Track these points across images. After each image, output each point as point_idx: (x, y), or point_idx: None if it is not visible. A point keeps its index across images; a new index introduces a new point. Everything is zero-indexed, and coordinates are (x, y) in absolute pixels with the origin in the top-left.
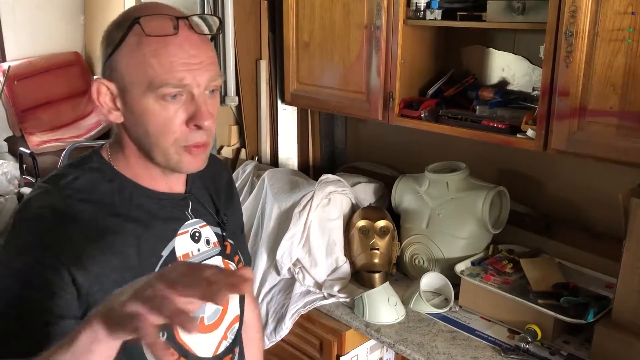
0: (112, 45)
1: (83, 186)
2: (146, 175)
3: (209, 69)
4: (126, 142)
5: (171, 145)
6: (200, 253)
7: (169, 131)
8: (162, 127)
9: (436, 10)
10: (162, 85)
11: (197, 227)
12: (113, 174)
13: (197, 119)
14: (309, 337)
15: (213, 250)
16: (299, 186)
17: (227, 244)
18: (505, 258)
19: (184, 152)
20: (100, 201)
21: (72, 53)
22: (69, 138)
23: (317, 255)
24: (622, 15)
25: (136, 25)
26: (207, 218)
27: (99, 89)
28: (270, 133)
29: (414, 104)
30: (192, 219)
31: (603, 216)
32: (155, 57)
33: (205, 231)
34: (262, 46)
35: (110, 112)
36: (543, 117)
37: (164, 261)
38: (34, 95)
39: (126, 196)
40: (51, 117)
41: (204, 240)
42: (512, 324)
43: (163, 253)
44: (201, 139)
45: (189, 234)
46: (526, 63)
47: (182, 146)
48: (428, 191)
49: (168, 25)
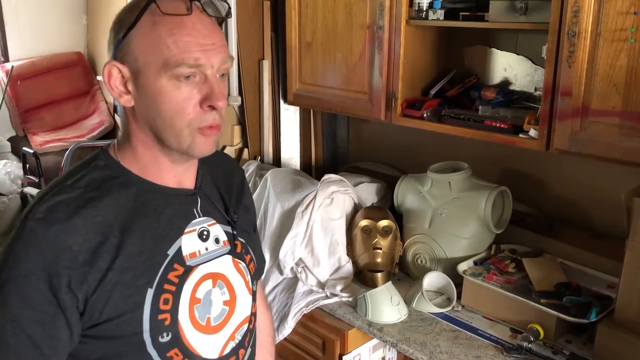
0: (125, 27)
1: (91, 183)
2: (154, 167)
3: (221, 51)
4: (134, 131)
5: (185, 126)
6: (208, 252)
7: (184, 112)
8: (176, 108)
9: (439, 10)
10: (178, 65)
11: (205, 226)
12: (119, 171)
13: (212, 100)
14: (312, 336)
15: (222, 249)
16: (301, 186)
17: (238, 243)
18: (508, 258)
19: (197, 134)
20: (105, 199)
21: (74, 53)
22: (72, 138)
23: (319, 255)
24: (624, 15)
25: (152, 5)
26: (217, 216)
27: (110, 72)
28: (272, 133)
29: (417, 104)
30: (201, 217)
31: (605, 216)
32: (170, 37)
33: (215, 229)
34: (265, 46)
35: (121, 96)
36: (545, 117)
37: (170, 261)
38: (36, 96)
39: (132, 192)
40: (54, 117)
41: (213, 238)
42: (514, 324)
43: (169, 252)
44: (214, 120)
45: (196, 232)
46: (528, 63)
47: (195, 128)
48: (430, 191)
49: (181, 5)
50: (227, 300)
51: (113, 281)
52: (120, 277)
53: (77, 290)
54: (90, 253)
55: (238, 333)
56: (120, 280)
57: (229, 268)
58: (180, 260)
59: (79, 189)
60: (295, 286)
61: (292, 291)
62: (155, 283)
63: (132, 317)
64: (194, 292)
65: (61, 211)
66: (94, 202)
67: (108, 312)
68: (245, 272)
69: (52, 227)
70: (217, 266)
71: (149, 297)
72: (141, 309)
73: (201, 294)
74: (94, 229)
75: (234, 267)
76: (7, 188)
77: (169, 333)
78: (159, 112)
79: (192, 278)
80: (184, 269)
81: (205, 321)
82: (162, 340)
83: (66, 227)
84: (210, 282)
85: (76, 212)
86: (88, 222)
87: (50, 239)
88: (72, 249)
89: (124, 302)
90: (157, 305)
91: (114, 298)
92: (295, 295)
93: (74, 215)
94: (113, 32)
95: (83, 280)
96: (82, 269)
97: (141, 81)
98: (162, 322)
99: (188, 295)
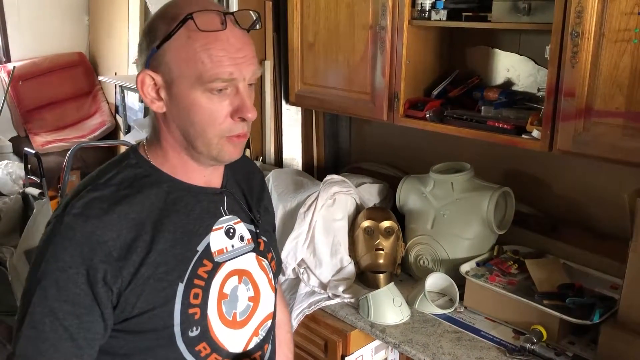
0: (160, 38)
1: (123, 181)
2: (183, 168)
3: (252, 62)
4: (164, 134)
5: (215, 135)
6: (234, 249)
7: (215, 123)
8: (209, 119)
9: (441, 10)
10: (212, 80)
11: (232, 224)
12: (151, 169)
13: (243, 112)
14: (314, 337)
15: (247, 247)
16: (303, 186)
17: (261, 241)
18: (510, 259)
19: (226, 142)
20: (137, 196)
21: (76, 53)
22: (74, 138)
23: (321, 256)
24: (628, 16)
25: (189, 21)
26: (241, 215)
27: (144, 80)
28: (274, 133)
29: (419, 105)
30: (227, 215)
31: (609, 217)
32: (205, 52)
33: (240, 228)
34: (267, 46)
35: (153, 102)
36: (548, 118)
37: (199, 256)
38: (38, 96)
39: (163, 190)
40: (56, 117)
41: (238, 236)
42: (517, 325)
43: (198, 248)
44: (243, 129)
45: (223, 229)
46: (531, 64)
47: (225, 137)
48: (433, 192)
49: (216, 20)
50: (251, 296)
51: (146, 275)
52: (153, 271)
53: (112, 284)
54: (124, 248)
55: (262, 329)
56: (153, 275)
57: (254, 265)
58: (209, 256)
59: (112, 186)
60: (297, 287)
61: (294, 292)
62: (186, 278)
63: (163, 310)
64: (221, 287)
65: (96, 207)
66: (128, 199)
67: (140, 306)
68: (268, 269)
69: (89, 222)
70: (243, 263)
71: (179, 292)
72: (172, 302)
73: (228, 290)
74: (127, 225)
75: (258, 264)
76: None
77: (198, 327)
78: (192, 121)
79: (220, 274)
80: (212, 265)
81: (232, 316)
82: (191, 335)
83: (102, 223)
84: (236, 279)
85: (111, 208)
86: (122, 218)
87: (87, 233)
88: (107, 244)
89: (156, 295)
90: (188, 299)
91: (147, 292)
92: (297, 296)
93: (108, 212)
94: (146, 40)
95: (118, 275)
96: (116, 264)
97: (174, 91)
98: (192, 316)
99: (216, 290)
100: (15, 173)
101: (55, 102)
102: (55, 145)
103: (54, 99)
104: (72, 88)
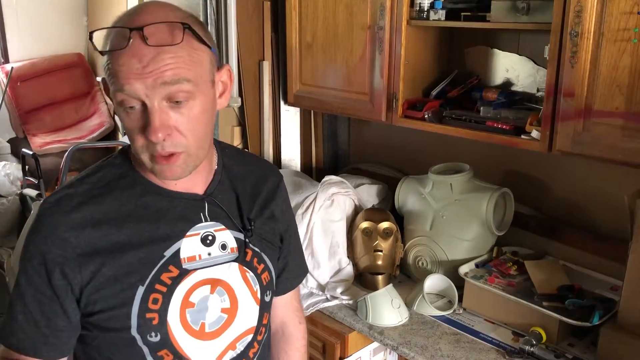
0: None
1: (100, 180)
2: None
3: (160, 77)
4: None
5: (138, 152)
6: (211, 257)
7: (133, 139)
8: (129, 134)
9: (440, 10)
10: (115, 92)
11: (212, 231)
12: (130, 171)
13: (147, 132)
14: (312, 339)
15: (228, 256)
16: (301, 187)
17: (249, 251)
18: (510, 260)
19: (155, 161)
20: (108, 197)
21: (75, 54)
22: (72, 139)
23: (320, 257)
24: (627, 15)
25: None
26: (227, 222)
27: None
28: (273, 134)
29: (418, 105)
30: (207, 221)
31: (608, 218)
32: (112, 68)
33: (222, 235)
34: (265, 47)
35: None
36: (548, 118)
37: (165, 262)
38: (36, 97)
39: (136, 193)
40: (54, 118)
41: (219, 244)
42: (516, 327)
43: (166, 253)
44: (162, 150)
45: (199, 236)
46: (530, 64)
47: (150, 155)
48: (432, 193)
49: (121, 38)
50: (226, 308)
51: (107, 275)
52: (115, 272)
53: (71, 278)
54: (86, 246)
55: (240, 343)
56: (114, 276)
57: (234, 276)
58: (177, 262)
59: (88, 184)
60: None
61: None
62: (147, 282)
63: (121, 312)
64: (187, 295)
65: (65, 204)
66: (97, 199)
67: (100, 305)
68: (254, 281)
69: (54, 217)
70: (219, 272)
71: (138, 295)
72: (130, 305)
73: (196, 299)
74: (92, 224)
75: (240, 275)
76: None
77: (157, 333)
78: None
79: (187, 281)
80: (178, 272)
81: (199, 326)
82: (150, 339)
83: (66, 220)
84: (208, 288)
85: (78, 207)
86: (87, 217)
87: (51, 227)
88: (69, 240)
89: (115, 297)
90: (146, 303)
91: (107, 291)
92: None
93: (75, 210)
94: None
95: (77, 271)
96: (76, 260)
97: None
98: (149, 320)
99: (180, 298)
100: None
101: (54, 103)
102: (53, 146)
103: (53, 100)
104: (71, 89)
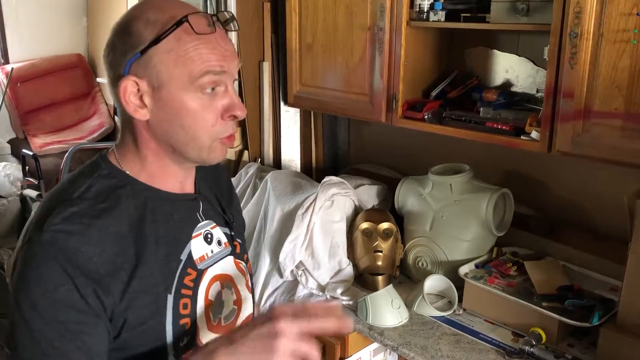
0: (146, 43)
1: (99, 193)
2: (161, 175)
3: (236, 57)
4: (145, 141)
5: (208, 138)
6: (214, 254)
7: (207, 125)
8: (201, 121)
9: (440, 11)
10: (204, 74)
11: (209, 229)
12: (125, 179)
13: (233, 110)
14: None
15: (225, 251)
16: (301, 188)
17: (237, 244)
18: (510, 260)
19: (218, 145)
20: (115, 209)
21: (75, 55)
22: (72, 140)
23: (320, 258)
24: (627, 16)
25: (184, 24)
26: (217, 219)
27: (127, 87)
28: (273, 135)
29: (418, 106)
30: (203, 220)
31: (608, 218)
32: (196, 51)
33: (216, 232)
34: (265, 48)
35: (137, 110)
36: (547, 119)
37: (184, 265)
38: (37, 98)
39: (140, 201)
40: (54, 119)
41: (216, 241)
42: (516, 327)
43: (182, 257)
44: (233, 129)
45: (202, 236)
46: (530, 64)
47: (218, 139)
48: (431, 193)
49: (204, 22)
50: (235, 300)
51: (137, 289)
52: (143, 284)
53: (104, 299)
54: (109, 264)
55: None
56: (143, 288)
57: (232, 269)
58: (192, 264)
59: (89, 200)
60: (296, 289)
61: (292, 294)
62: (174, 289)
63: (154, 323)
64: (207, 294)
65: (77, 222)
66: (106, 212)
67: (132, 321)
68: (246, 271)
69: (72, 238)
70: (223, 267)
71: (169, 303)
72: (163, 315)
73: (213, 296)
74: (109, 240)
75: (236, 267)
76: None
77: (188, 337)
78: (182, 125)
79: (204, 281)
80: (196, 273)
81: (217, 321)
82: (181, 345)
83: (85, 238)
84: (218, 284)
85: (92, 223)
86: (103, 233)
87: (70, 250)
88: (92, 260)
89: (147, 309)
90: (178, 310)
91: (138, 306)
92: (295, 298)
93: (90, 226)
94: (123, 46)
95: (108, 291)
96: (104, 280)
97: (163, 95)
98: (183, 326)
99: (203, 298)
100: (13, 175)
101: (54, 104)
102: (53, 147)
103: (53, 101)
104: (71, 90)
